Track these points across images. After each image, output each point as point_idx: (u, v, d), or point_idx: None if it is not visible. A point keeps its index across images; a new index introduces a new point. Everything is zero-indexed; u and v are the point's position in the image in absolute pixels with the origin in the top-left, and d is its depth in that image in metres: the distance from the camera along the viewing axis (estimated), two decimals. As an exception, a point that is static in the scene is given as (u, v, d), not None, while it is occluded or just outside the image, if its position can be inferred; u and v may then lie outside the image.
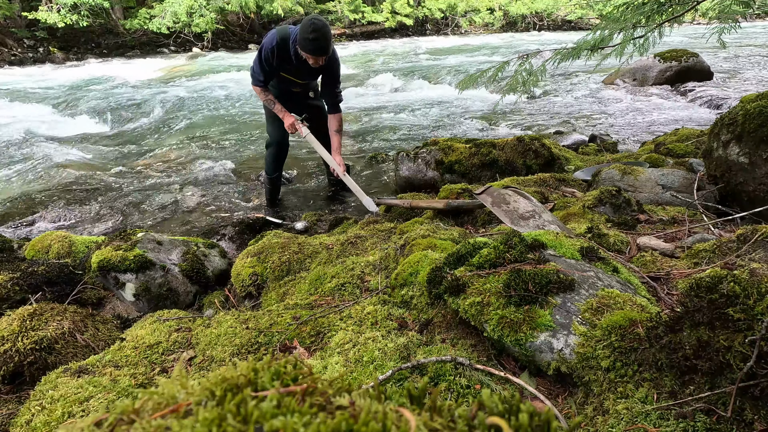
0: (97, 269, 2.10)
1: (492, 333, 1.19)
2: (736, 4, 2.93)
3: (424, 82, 9.02)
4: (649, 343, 0.99)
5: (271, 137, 3.48)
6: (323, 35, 2.74)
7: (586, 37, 3.12)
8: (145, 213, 3.70)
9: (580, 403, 1.05)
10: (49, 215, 3.67)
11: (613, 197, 2.24)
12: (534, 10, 26.34)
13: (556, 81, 8.56)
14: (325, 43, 2.76)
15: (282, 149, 3.52)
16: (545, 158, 3.54)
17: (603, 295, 1.20)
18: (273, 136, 3.46)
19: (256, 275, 2.05)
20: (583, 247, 1.48)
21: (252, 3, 19.40)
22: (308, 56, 2.83)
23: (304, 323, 1.49)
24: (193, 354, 1.51)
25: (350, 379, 1.19)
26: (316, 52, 2.78)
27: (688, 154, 3.51)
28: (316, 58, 2.82)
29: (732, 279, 0.95)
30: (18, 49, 16.31)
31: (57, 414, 1.21)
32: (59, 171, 4.63)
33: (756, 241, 1.56)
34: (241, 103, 7.79)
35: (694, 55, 7.41)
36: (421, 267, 1.58)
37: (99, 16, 17.80)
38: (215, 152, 5.29)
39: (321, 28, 2.72)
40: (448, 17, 26.27)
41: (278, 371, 0.36)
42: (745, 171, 2.22)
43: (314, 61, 2.85)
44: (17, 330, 1.57)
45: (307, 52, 2.80)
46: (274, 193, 3.73)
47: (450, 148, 3.57)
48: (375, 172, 4.47)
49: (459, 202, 2.54)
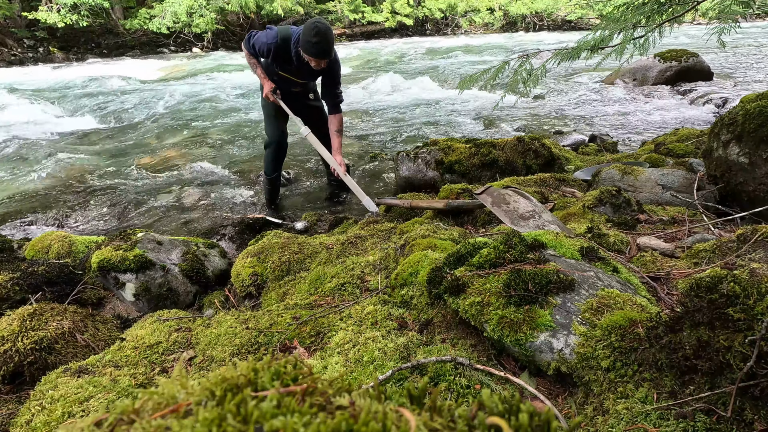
0: (97, 269, 2.10)
1: (492, 333, 1.19)
2: (736, 4, 2.93)
3: (424, 82, 9.02)
4: (649, 343, 0.99)
5: (270, 137, 3.47)
6: (326, 39, 2.78)
7: (586, 37, 3.12)
8: (145, 213, 3.70)
9: (580, 403, 1.05)
10: (49, 215, 3.67)
11: (613, 197, 2.24)
12: (534, 10, 26.34)
13: (556, 81, 8.56)
14: (327, 47, 2.81)
15: (280, 149, 3.52)
16: (545, 158, 3.54)
17: (603, 295, 1.20)
18: (271, 135, 3.45)
19: (256, 275, 2.05)
20: (583, 247, 1.48)
21: (252, 3, 19.40)
22: (311, 59, 2.87)
23: (304, 323, 1.49)
24: (193, 354, 1.51)
25: (350, 379, 1.19)
26: (319, 55, 2.82)
27: (688, 154, 3.51)
28: (318, 60, 2.86)
29: (732, 279, 0.95)
30: (18, 49, 16.32)
31: (57, 414, 1.21)
32: (59, 171, 4.63)
33: (756, 241, 1.56)
34: (241, 103, 7.80)
35: (694, 55, 7.41)
36: (421, 267, 1.58)
37: (99, 16, 17.80)
38: (215, 152, 5.29)
39: (324, 32, 2.76)
40: (448, 17, 26.28)
41: (278, 371, 0.36)
42: (745, 171, 2.22)
43: (316, 63, 2.89)
44: (17, 330, 1.57)
45: (309, 55, 2.84)
46: (273, 194, 3.72)
47: (450, 148, 3.56)
48: (375, 172, 4.47)
49: (459, 202, 2.54)
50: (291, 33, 2.96)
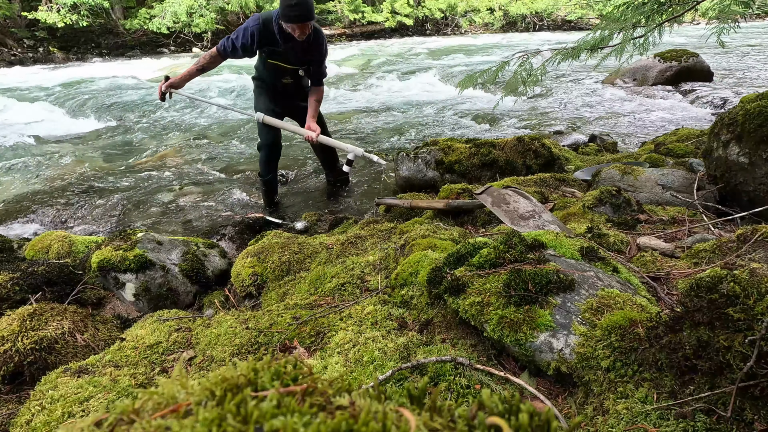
0: (97, 269, 2.10)
1: (492, 333, 1.19)
2: (736, 4, 2.93)
3: (423, 82, 9.02)
4: (649, 343, 0.99)
5: (262, 139, 3.44)
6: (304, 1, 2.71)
7: (586, 37, 3.12)
8: (145, 213, 3.70)
9: (580, 403, 1.05)
10: (49, 215, 3.67)
11: (613, 197, 2.24)
12: (534, 10, 26.35)
13: (556, 81, 8.56)
14: (306, 9, 2.75)
15: (274, 150, 3.48)
16: (545, 158, 3.54)
17: (603, 295, 1.20)
18: (264, 138, 3.42)
19: (256, 275, 2.05)
20: (583, 247, 1.48)
21: (252, 3, 19.40)
22: (294, 27, 2.79)
23: (304, 323, 1.49)
24: (193, 354, 1.51)
25: (350, 379, 1.19)
26: (301, 18, 2.75)
27: (688, 154, 3.51)
28: (301, 26, 2.78)
29: (732, 279, 0.95)
30: (18, 49, 16.32)
31: (57, 414, 1.21)
32: (59, 171, 4.63)
33: (756, 241, 1.56)
34: (241, 103, 7.80)
35: (694, 55, 7.41)
36: (421, 267, 1.58)
37: (99, 16, 17.80)
38: (215, 152, 5.29)
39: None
40: (448, 17, 26.28)
41: (278, 371, 0.36)
42: (745, 171, 2.22)
43: (300, 31, 2.81)
44: (17, 330, 1.57)
45: (291, 22, 2.77)
46: (270, 195, 3.71)
47: (450, 148, 3.56)
48: (375, 172, 4.47)
49: (459, 202, 2.54)
50: (271, 13, 2.92)
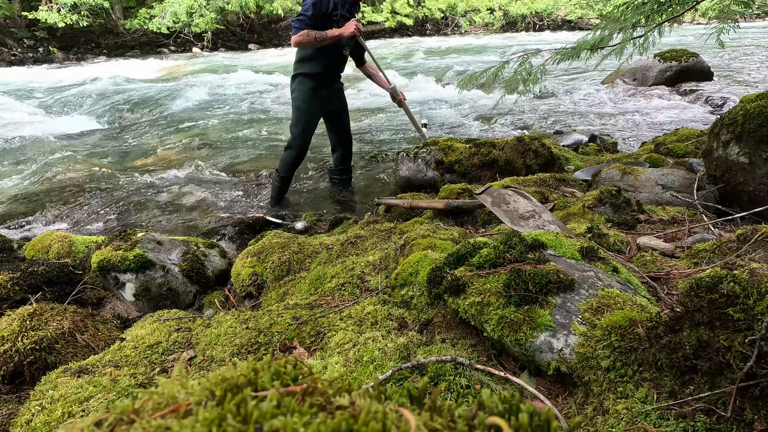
0: (97, 269, 2.10)
1: (492, 333, 1.19)
2: (736, 4, 2.93)
3: (423, 82, 9.02)
4: (649, 343, 0.99)
5: (296, 140, 3.44)
6: None
7: (585, 37, 3.12)
8: (145, 213, 3.70)
9: (580, 403, 1.05)
10: (49, 215, 3.67)
11: (613, 197, 2.24)
12: (534, 10, 26.35)
13: (556, 81, 8.56)
14: None
15: (303, 154, 3.52)
16: (545, 158, 3.54)
17: (603, 295, 1.20)
18: (298, 139, 3.43)
19: (256, 275, 2.05)
20: (583, 247, 1.48)
21: (252, 3, 19.40)
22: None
23: (304, 323, 1.49)
24: (193, 354, 1.51)
25: (350, 379, 1.19)
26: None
27: (688, 154, 3.51)
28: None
29: (732, 279, 0.95)
30: (18, 49, 16.32)
31: (57, 414, 1.21)
32: (59, 171, 4.63)
33: (756, 241, 1.56)
34: (241, 103, 7.79)
35: (694, 55, 7.41)
36: (421, 267, 1.58)
37: (99, 16, 17.81)
38: (215, 152, 5.29)
39: None
40: (448, 17, 26.28)
41: (278, 371, 0.36)
42: (745, 171, 2.22)
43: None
44: (17, 330, 1.57)
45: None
46: (281, 192, 3.72)
47: (450, 148, 3.56)
48: (375, 172, 4.47)
49: (459, 202, 2.54)
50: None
